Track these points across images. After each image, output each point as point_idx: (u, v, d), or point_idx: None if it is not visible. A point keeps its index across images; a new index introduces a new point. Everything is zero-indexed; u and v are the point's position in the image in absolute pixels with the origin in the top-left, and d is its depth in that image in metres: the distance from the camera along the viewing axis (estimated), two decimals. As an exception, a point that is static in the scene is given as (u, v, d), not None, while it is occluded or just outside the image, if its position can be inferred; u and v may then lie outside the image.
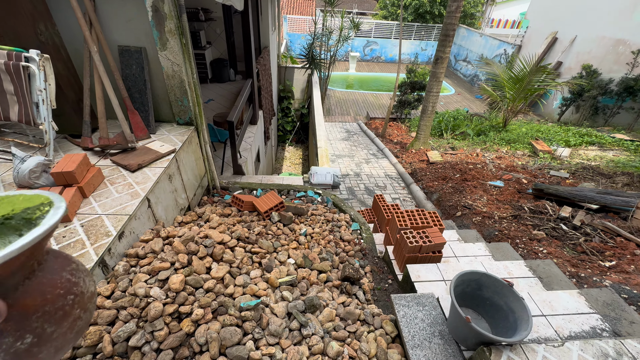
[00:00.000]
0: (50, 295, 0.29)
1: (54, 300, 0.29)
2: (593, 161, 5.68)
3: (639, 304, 2.10)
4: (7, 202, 0.31)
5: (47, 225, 0.29)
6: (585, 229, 3.19)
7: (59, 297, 0.29)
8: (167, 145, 2.48)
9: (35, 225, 0.29)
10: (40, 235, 0.28)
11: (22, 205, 0.31)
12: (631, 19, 8.50)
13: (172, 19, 2.32)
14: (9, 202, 0.31)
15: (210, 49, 7.55)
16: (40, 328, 0.27)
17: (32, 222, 0.30)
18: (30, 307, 0.27)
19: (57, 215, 0.30)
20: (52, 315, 0.28)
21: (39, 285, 0.28)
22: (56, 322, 0.28)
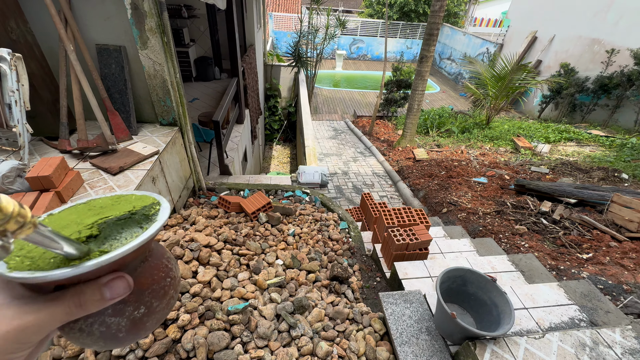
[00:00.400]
0: (156, 276, 0.36)
1: (158, 280, 0.36)
2: (571, 157, 5.90)
3: (614, 293, 2.20)
4: (125, 201, 0.37)
5: (162, 221, 0.35)
6: (564, 222, 3.31)
7: (162, 278, 0.36)
8: (150, 147, 2.42)
9: (152, 220, 0.35)
10: (159, 228, 0.34)
11: (139, 203, 0.37)
12: (605, 20, 8.84)
13: (153, 17, 2.26)
14: (126, 200, 0.38)
15: (194, 46, 7.40)
16: (149, 302, 0.34)
17: (149, 217, 0.35)
18: (144, 284, 0.34)
19: (166, 213, 0.36)
20: (157, 292, 0.35)
21: (149, 268, 0.35)
22: (159, 298, 0.35)
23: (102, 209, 0.36)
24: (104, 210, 0.36)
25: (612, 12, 8.67)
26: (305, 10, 10.99)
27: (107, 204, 0.37)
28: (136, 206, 0.36)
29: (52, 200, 1.70)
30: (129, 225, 0.34)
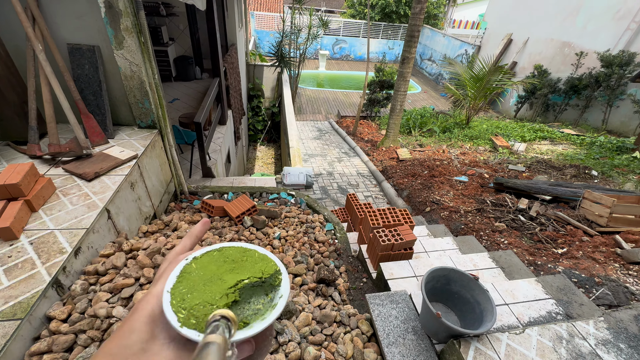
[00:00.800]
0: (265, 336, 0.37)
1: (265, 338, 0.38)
2: (545, 155, 6.16)
3: (586, 286, 2.31)
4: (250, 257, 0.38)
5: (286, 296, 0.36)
6: (540, 219, 3.45)
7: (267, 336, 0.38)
8: (128, 151, 2.33)
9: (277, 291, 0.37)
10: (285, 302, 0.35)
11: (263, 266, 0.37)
12: (574, 24, 9.29)
13: (129, 16, 2.17)
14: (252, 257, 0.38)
15: (173, 45, 7.20)
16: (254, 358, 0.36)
17: (275, 287, 0.37)
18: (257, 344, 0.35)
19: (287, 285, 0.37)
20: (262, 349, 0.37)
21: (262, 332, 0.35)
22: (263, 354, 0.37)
23: (235, 263, 0.37)
24: (236, 266, 0.37)
25: (581, 16, 9.13)
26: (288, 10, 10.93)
27: (237, 258, 0.38)
28: (264, 272, 0.37)
29: (21, 209, 1.60)
30: (258, 293, 0.36)
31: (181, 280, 0.34)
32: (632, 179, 4.72)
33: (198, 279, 0.35)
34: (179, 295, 0.33)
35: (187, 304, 0.32)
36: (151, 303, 0.32)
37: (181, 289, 0.33)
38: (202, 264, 0.37)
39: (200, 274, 0.35)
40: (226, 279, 0.35)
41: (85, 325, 1.27)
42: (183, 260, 0.37)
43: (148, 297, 0.33)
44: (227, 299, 0.33)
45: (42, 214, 1.74)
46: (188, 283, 0.34)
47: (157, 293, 0.33)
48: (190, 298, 0.32)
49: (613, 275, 2.42)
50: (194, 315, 0.31)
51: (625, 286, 2.27)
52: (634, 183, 4.55)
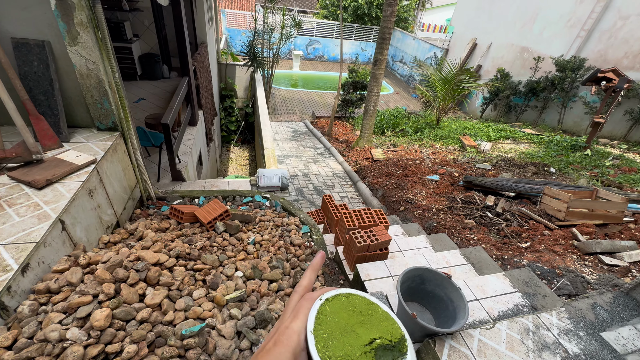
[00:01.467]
0: None
1: None
2: (509, 153, 6.52)
3: (548, 278, 2.45)
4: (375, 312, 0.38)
5: None
6: (506, 215, 3.64)
7: None
8: (85, 155, 2.15)
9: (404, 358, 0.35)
10: None
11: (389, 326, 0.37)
12: (532, 30, 9.94)
13: (83, 9, 2.01)
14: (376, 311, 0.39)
15: (137, 42, 6.83)
16: None
17: (402, 353, 0.35)
18: None
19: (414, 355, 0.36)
20: None
21: None
22: None
23: (363, 316, 0.38)
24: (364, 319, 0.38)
25: (537, 23, 9.78)
26: (260, 9, 10.75)
27: (364, 310, 0.39)
28: (392, 335, 0.37)
29: (-45, 224, 1.42)
30: (386, 356, 0.35)
31: (320, 322, 0.35)
32: (585, 175, 5.11)
33: (334, 325, 0.36)
34: (321, 340, 0.33)
35: (330, 352, 0.33)
36: (293, 340, 0.33)
37: (321, 333, 0.34)
38: (334, 309, 0.38)
39: (335, 320, 0.36)
40: (359, 333, 0.36)
41: (34, 352, 1.14)
42: (317, 300, 0.38)
43: (289, 332, 0.34)
44: (366, 358, 0.34)
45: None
46: (327, 328, 0.35)
47: (298, 330, 0.34)
48: (332, 346, 0.33)
49: (571, 266, 2.59)
50: None
51: (582, 276, 2.44)
52: (587, 179, 4.92)
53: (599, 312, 1.81)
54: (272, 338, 0.35)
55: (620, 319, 1.79)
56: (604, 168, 5.35)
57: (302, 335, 0.34)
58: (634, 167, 5.33)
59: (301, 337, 0.34)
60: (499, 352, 1.52)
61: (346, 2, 17.52)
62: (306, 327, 0.34)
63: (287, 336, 0.34)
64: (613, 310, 1.83)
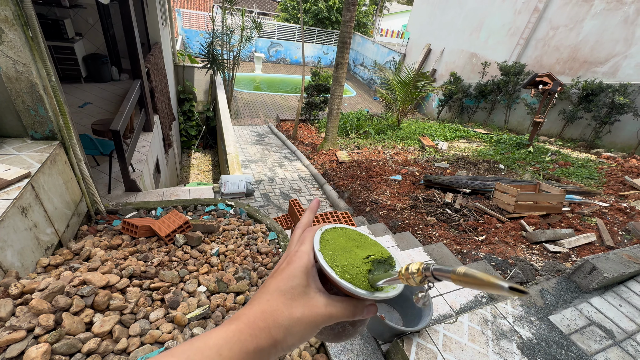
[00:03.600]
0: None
1: None
2: (464, 152, 6.97)
3: (503, 268, 2.64)
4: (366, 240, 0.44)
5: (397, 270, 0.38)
6: (463, 210, 3.86)
7: None
8: (16, 169, 1.90)
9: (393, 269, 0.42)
10: None
11: (379, 249, 0.43)
12: (479, 38, 10.75)
13: (8, 5, 1.78)
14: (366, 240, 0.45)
15: (81, 41, 6.29)
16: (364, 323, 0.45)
17: (392, 266, 0.42)
18: None
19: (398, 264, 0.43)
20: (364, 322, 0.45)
21: None
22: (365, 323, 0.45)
23: (357, 242, 0.43)
24: (359, 244, 0.43)
25: (483, 31, 10.60)
26: (218, 9, 10.42)
27: (357, 238, 0.44)
28: (382, 253, 0.42)
29: None
30: (380, 269, 0.40)
31: (324, 245, 0.40)
32: (529, 170, 5.62)
33: (336, 246, 0.40)
34: (328, 255, 0.38)
35: (337, 262, 0.37)
36: (304, 258, 0.37)
37: (327, 251, 0.39)
38: (333, 237, 0.42)
39: (336, 243, 0.41)
40: (357, 252, 0.41)
41: (-50, 405, 0.96)
42: (318, 230, 0.42)
43: (300, 253, 0.38)
44: (366, 266, 0.39)
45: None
46: (330, 248, 0.40)
47: (307, 251, 0.38)
48: (338, 259, 0.38)
49: (521, 256, 2.81)
50: (348, 272, 0.37)
51: (530, 264, 2.65)
52: (531, 173, 5.41)
53: (546, 297, 1.97)
54: (285, 261, 0.39)
55: (564, 301, 1.96)
56: (544, 163, 5.92)
57: (311, 255, 0.38)
58: (568, 161, 5.96)
59: (310, 256, 0.38)
60: (462, 345, 1.59)
61: (307, 5, 17.65)
62: (313, 248, 0.39)
63: (298, 257, 0.38)
64: (558, 294, 2.00)
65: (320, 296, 0.36)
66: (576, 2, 8.16)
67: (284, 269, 0.37)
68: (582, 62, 8.16)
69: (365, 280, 0.37)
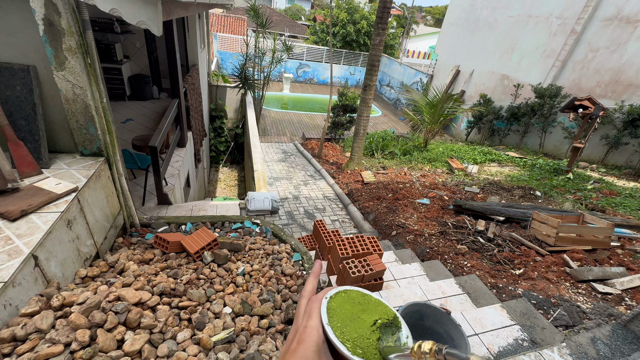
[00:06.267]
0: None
1: None
2: (495, 176, 6.67)
3: (544, 307, 2.42)
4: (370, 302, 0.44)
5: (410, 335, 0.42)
6: (497, 240, 3.64)
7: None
8: (66, 183, 2.04)
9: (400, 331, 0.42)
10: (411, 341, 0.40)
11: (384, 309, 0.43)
12: (511, 59, 10.52)
13: (73, 35, 1.97)
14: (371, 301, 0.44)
15: (128, 63, 6.83)
16: None
17: (399, 328, 0.42)
18: None
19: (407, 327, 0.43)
20: None
21: None
22: None
23: (362, 305, 0.43)
24: (364, 307, 0.43)
25: (515, 53, 10.37)
26: (252, 33, 11.03)
27: (361, 300, 0.44)
28: (388, 315, 0.43)
29: None
30: (387, 332, 0.41)
31: (331, 316, 0.39)
32: (569, 199, 5.25)
33: (343, 315, 0.40)
34: (337, 329, 0.38)
35: (347, 336, 0.37)
36: (314, 335, 0.37)
37: (335, 323, 0.38)
38: (338, 303, 0.42)
39: (342, 311, 0.41)
40: (364, 318, 0.41)
41: (-9, 417, 0.99)
42: (324, 299, 0.41)
43: (309, 329, 0.37)
44: (374, 335, 0.39)
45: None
46: (338, 319, 0.39)
47: (316, 326, 0.38)
48: (347, 332, 0.38)
49: (566, 295, 2.57)
50: (359, 346, 0.37)
51: (577, 305, 2.42)
52: (571, 202, 5.05)
53: (599, 346, 1.77)
54: (295, 339, 0.38)
55: (621, 353, 1.75)
56: (586, 191, 5.52)
57: (320, 330, 0.37)
58: (614, 190, 5.52)
59: (319, 331, 0.37)
60: (503, 396, 1.45)
61: (335, 29, 18.25)
62: (322, 322, 0.38)
63: (307, 334, 0.37)
64: (613, 345, 1.79)
65: None
66: (618, 24, 7.82)
67: (295, 350, 0.36)
68: (626, 85, 7.70)
69: (376, 352, 0.38)
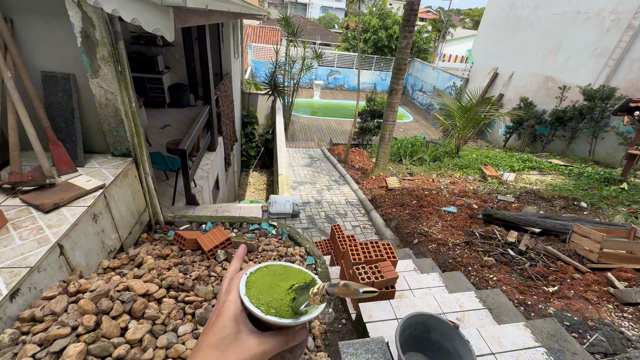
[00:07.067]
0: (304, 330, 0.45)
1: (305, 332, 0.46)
2: (534, 185, 6.15)
3: (580, 331, 2.16)
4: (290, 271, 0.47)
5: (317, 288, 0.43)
6: (530, 253, 3.33)
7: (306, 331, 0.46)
8: (95, 180, 2.22)
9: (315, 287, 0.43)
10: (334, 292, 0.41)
11: (303, 276, 0.47)
12: (556, 60, 9.74)
13: (105, 46, 2.16)
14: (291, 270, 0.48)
15: (168, 73, 7.35)
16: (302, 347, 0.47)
17: None
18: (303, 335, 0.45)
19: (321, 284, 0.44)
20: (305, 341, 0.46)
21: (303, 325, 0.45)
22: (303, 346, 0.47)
23: (282, 275, 0.47)
24: (284, 277, 0.46)
25: (561, 53, 9.59)
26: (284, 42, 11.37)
27: (282, 272, 0.47)
28: (305, 279, 0.46)
29: (-43, 246, 1.46)
30: (304, 293, 0.43)
31: (249, 287, 0.43)
32: (622, 211, 4.68)
33: (261, 285, 0.43)
34: (253, 297, 0.41)
35: (263, 301, 0.41)
36: (231, 307, 0.40)
37: (253, 293, 0.42)
38: (258, 276, 0.45)
39: (261, 282, 0.44)
40: (282, 285, 0.44)
41: (2, 387, 1.09)
42: (243, 275, 0.45)
43: (227, 303, 0.40)
44: (289, 296, 0.42)
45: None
46: (256, 289, 0.42)
47: (234, 299, 0.41)
48: (263, 297, 0.41)
49: (607, 318, 2.27)
50: (272, 307, 0.40)
51: (620, 331, 2.12)
52: (624, 215, 4.49)
53: (640, 380, 1.54)
54: (214, 313, 0.41)
55: (669, 390, 1.50)
56: (643, 204, 4.88)
57: (238, 302, 0.40)
58: (679, 204, 4.82)
59: (237, 304, 0.40)
60: None
61: (367, 35, 18.23)
62: (239, 294, 0.41)
63: (225, 307, 0.40)
64: (659, 379, 1.54)
65: (252, 337, 0.38)
66: (686, 16, 6.93)
67: (213, 323, 0.39)
68: (696, 84, 6.76)
69: (289, 309, 0.41)
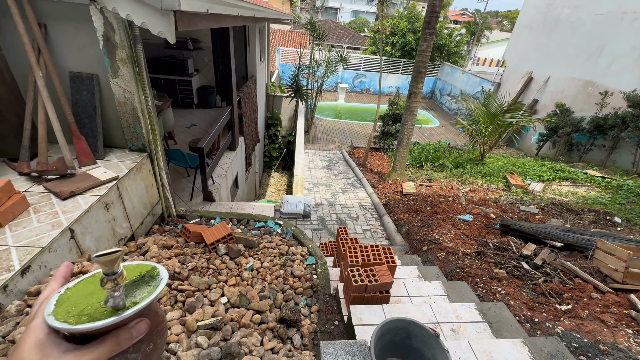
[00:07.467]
0: (158, 319, 0.45)
1: (159, 322, 0.45)
2: (565, 197, 5.74)
3: (589, 354, 1.99)
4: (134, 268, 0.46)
5: (165, 278, 0.45)
6: (546, 268, 3.12)
7: (161, 321, 0.46)
8: (110, 172, 2.41)
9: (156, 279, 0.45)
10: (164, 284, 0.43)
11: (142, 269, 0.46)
12: (598, 63, 9.04)
13: (124, 48, 2.34)
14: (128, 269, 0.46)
15: (197, 76, 7.73)
16: (154, 340, 0.44)
17: (154, 277, 0.45)
18: (153, 326, 0.43)
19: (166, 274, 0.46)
20: (159, 332, 0.45)
21: (154, 312, 0.45)
22: (160, 337, 0.45)
23: None
24: None
25: (604, 56, 8.88)
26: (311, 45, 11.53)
27: None
28: (141, 272, 0.45)
29: (-17, 224, 1.66)
30: (140, 285, 0.43)
31: (60, 304, 0.39)
32: (663, 230, 4.23)
33: (78, 297, 0.40)
34: (62, 313, 0.38)
35: (73, 313, 0.37)
36: (33, 334, 0.37)
37: (65, 308, 0.38)
38: (79, 288, 0.42)
39: (79, 294, 0.41)
40: None
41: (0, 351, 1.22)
42: (55, 294, 0.41)
43: (30, 329, 0.37)
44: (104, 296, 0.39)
45: (7, 229, 1.79)
46: (69, 303, 0.39)
47: (38, 324, 0.37)
48: (75, 309, 0.38)
49: (623, 344, 2.07)
50: (84, 314, 0.37)
51: (636, 358, 1.93)
52: (665, 234, 4.06)
53: (643, 411, 1.40)
54: (18, 341, 0.38)
55: None
56: (690, 223, 4.38)
57: (44, 326, 0.37)
58: None
59: (41, 328, 0.37)
60: None
61: (395, 38, 18.00)
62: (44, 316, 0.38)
63: (27, 334, 0.37)
64: (666, 413, 1.39)
65: (66, 357, 0.35)
66: None
67: (12, 353, 0.36)
68: None
69: (107, 310, 0.38)
